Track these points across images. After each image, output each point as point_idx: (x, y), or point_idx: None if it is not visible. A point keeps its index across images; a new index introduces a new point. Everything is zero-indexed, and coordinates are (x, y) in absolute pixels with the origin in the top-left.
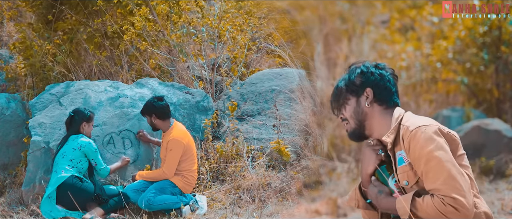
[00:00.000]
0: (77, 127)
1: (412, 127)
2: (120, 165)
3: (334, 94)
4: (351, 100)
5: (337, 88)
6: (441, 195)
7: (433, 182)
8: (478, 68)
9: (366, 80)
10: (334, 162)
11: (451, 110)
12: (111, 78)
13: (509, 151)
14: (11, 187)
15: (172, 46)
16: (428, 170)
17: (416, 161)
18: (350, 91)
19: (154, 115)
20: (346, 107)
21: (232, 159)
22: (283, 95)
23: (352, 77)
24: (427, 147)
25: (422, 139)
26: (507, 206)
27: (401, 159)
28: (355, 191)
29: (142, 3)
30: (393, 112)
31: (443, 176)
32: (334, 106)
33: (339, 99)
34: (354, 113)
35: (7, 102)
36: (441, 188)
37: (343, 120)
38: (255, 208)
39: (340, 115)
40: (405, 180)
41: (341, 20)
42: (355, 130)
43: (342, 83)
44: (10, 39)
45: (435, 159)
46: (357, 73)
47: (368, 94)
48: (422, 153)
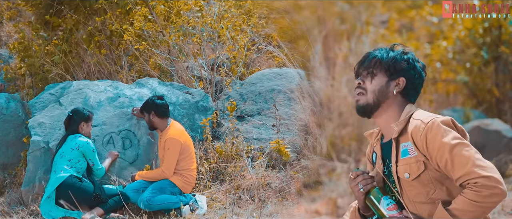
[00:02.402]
0: (75, 127)
1: (427, 119)
2: (111, 161)
3: (368, 59)
4: (382, 77)
5: (375, 57)
6: (473, 179)
7: (463, 166)
8: (478, 68)
9: (407, 70)
10: (334, 162)
11: (451, 110)
12: (111, 78)
13: (509, 151)
14: (11, 187)
15: (172, 46)
16: (454, 157)
17: (437, 151)
18: (386, 69)
19: (154, 112)
20: (373, 80)
21: (232, 159)
22: (282, 95)
23: (398, 58)
24: (447, 135)
25: (442, 129)
26: (507, 206)
27: (405, 151)
28: (354, 214)
29: (141, 3)
30: (406, 106)
31: (471, 160)
32: (361, 69)
33: (371, 67)
34: (378, 90)
35: (7, 102)
36: (472, 170)
37: (361, 88)
38: (255, 208)
39: (360, 81)
40: (407, 172)
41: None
42: (368, 105)
43: (384, 56)
44: (9, 39)
45: (458, 145)
46: (403, 58)
47: (400, 83)
48: (444, 143)
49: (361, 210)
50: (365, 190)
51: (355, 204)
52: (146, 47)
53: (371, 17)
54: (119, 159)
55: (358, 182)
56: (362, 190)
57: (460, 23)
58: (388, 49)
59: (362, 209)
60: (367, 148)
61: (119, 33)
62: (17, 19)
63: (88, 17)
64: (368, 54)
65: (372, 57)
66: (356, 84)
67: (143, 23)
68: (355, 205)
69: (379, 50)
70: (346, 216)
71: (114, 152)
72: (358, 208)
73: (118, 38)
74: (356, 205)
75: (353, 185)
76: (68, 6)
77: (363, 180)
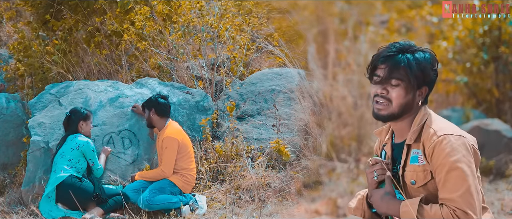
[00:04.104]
0: (75, 126)
1: (440, 133)
2: (105, 158)
3: (394, 66)
4: (409, 88)
5: (401, 63)
6: (454, 206)
7: (450, 192)
8: (478, 68)
9: (434, 78)
10: (334, 162)
11: (450, 110)
12: (110, 78)
13: (509, 151)
14: (11, 187)
15: (172, 46)
16: (448, 179)
17: (437, 167)
18: (415, 79)
19: (154, 109)
20: (401, 90)
21: (232, 159)
22: (282, 95)
23: (428, 69)
24: (452, 156)
25: (448, 148)
26: (507, 206)
27: (415, 158)
28: (361, 201)
29: (142, 3)
30: (421, 109)
31: (462, 190)
32: (385, 75)
33: (399, 77)
34: (406, 103)
35: (7, 102)
36: (458, 200)
37: (385, 98)
38: (255, 208)
39: (383, 91)
40: (413, 179)
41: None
42: (392, 116)
43: (412, 65)
44: (9, 39)
45: (457, 170)
46: (433, 69)
47: (423, 92)
48: (446, 162)
49: (369, 199)
50: (379, 179)
51: (363, 192)
52: (146, 46)
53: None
54: (119, 159)
55: (375, 170)
56: (376, 179)
57: (460, 23)
58: (414, 55)
59: (371, 197)
60: (376, 143)
61: (119, 33)
62: (17, 19)
63: (87, 17)
64: (391, 57)
65: (398, 63)
66: (378, 91)
67: (144, 22)
68: (364, 193)
69: (404, 54)
70: (352, 203)
71: (106, 148)
72: (366, 195)
73: (118, 38)
74: (364, 193)
75: (369, 172)
76: (67, 6)
77: (380, 169)
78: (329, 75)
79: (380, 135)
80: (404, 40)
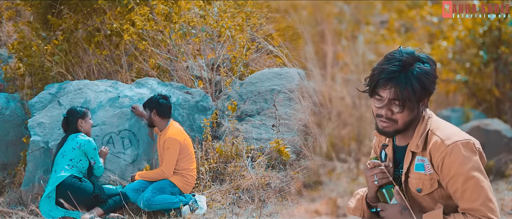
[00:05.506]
0: (74, 126)
1: (448, 142)
2: (103, 158)
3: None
4: (414, 105)
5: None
6: (478, 215)
7: (471, 202)
8: (478, 68)
9: (435, 86)
10: (334, 162)
11: (450, 110)
12: (110, 78)
13: (509, 151)
14: (11, 187)
15: (172, 46)
16: (465, 189)
17: (451, 178)
18: (419, 98)
19: (155, 110)
20: (405, 110)
21: (232, 159)
22: (282, 95)
23: (431, 88)
24: (466, 165)
25: (460, 157)
26: (507, 206)
27: (421, 166)
28: (361, 201)
29: (142, 3)
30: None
31: (482, 198)
32: (388, 97)
33: (403, 100)
34: (409, 118)
35: (6, 102)
36: (480, 209)
37: (390, 119)
38: (255, 208)
39: (388, 112)
40: (419, 187)
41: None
42: (398, 131)
43: (416, 87)
44: (9, 39)
45: (473, 179)
46: (435, 81)
47: (426, 102)
48: (460, 172)
49: (369, 200)
50: (379, 184)
51: (362, 191)
52: (146, 46)
53: (371, 17)
54: (119, 159)
55: (375, 173)
56: (377, 183)
57: (460, 23)
58: (417, 72)
59: (371, 199)
60: (374, 141)
61: (119, 33)
62: (16, 19)
63: (87, 16)
64: (394, 78)
65: (401, 84)
66: (382, 113)
67: (144, 22)
68: (363, 193)
69: (406, 73)
70: (351, 202)
71: (102, 149)
72: (365, 195)
73: (118, 38)
74: (363, 193)
75: (369, 175)
76: (67, 5)
77: (380, 173)
78: (329, 75)
79: (380, 136)
80: (404, 49)
